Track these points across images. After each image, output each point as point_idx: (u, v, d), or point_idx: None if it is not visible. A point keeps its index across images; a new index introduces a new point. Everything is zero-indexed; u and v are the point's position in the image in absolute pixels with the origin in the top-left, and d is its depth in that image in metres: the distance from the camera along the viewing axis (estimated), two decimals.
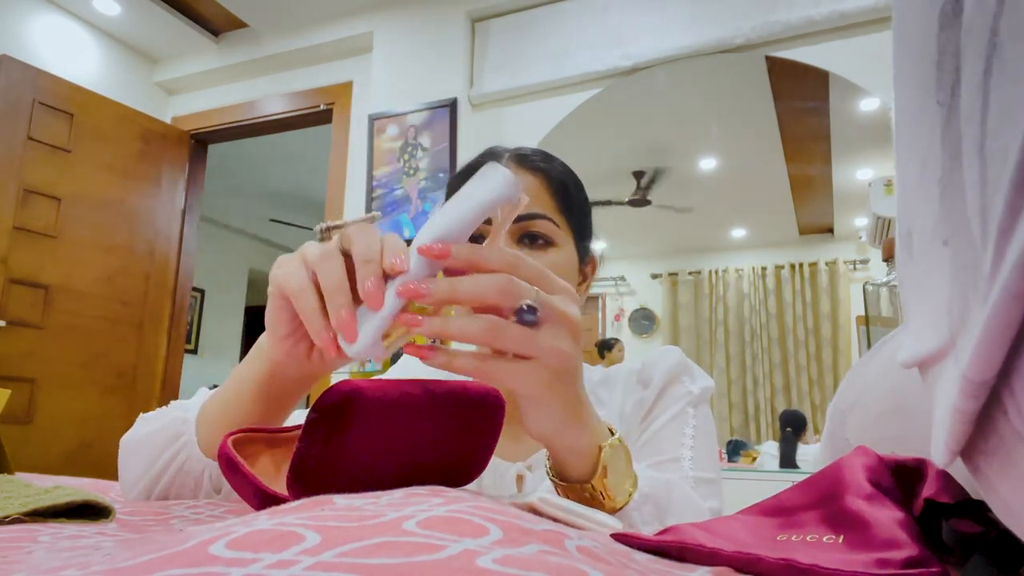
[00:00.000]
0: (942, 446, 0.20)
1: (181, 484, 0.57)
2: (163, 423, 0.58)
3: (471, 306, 0.41)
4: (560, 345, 0.42)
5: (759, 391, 4.42)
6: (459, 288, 0.40)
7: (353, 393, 0.37)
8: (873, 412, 0.48)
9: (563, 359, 0.42)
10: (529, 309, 0.41)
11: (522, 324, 0.41)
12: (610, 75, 2.76)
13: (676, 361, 0.73)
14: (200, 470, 0.57)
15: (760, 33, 2.50)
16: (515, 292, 0.40)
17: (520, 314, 0.41)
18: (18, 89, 2.93)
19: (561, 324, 0.42)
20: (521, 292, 0.41)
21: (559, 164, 0.76)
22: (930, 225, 0.21)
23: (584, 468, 0.47)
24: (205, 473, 0.57)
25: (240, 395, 0.54)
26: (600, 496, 0.47)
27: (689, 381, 0.72)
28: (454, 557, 0.19)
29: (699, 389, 0.72)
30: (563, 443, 0.46)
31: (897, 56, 0.23)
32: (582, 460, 0.47)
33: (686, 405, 0.70)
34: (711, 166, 3.89)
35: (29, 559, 0.27)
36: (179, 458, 0.57)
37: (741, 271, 4.71)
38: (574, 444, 0.46)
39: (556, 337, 0.42)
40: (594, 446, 0.47)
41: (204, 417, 0.57)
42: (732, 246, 4.78)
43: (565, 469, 0.48)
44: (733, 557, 0.27)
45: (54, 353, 2.97)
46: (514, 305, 0.40)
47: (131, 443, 0.60)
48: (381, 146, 2.99)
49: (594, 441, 0.47)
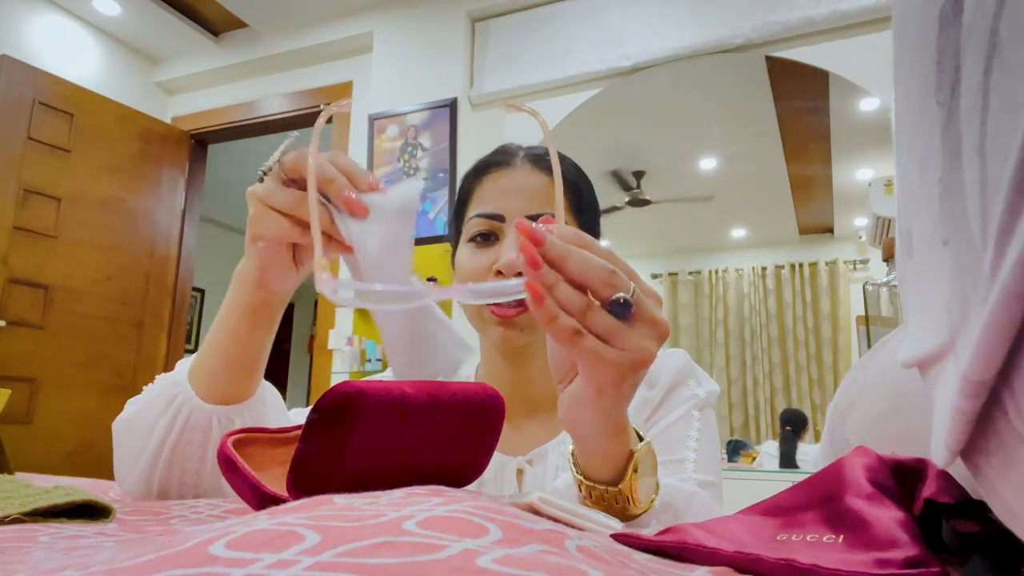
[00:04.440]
0: (942, 446, 0.20)
1: (187, 443, 0.58)
2: (152, 395, 0.60)
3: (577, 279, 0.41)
4: (646, 346, 0.42)
5: (759, 391, 4.42)
6: (571, 256, 0.41)
7: (354, 394, 0.37)
8: (873, 412, 0.48)
9: (645, 360, 0.42)
10: (625, 303, 0.41)
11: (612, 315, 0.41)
12: (610, 75, 2.76)
13: (682, 364, 0.73)
14: (207, 421, 0.58)
15: (760, 33, 2.50)
16: (616, 283, 0.41)
17: (614, 305, 0.41)
18: (18, 89, 2.93)
19: (651, 327, 0.42)
20: (621, 285, 0.41)
21: (571, 164, 0.76)
22: (930, 225, 0.21)
23: (613, 471, 0.47)
24: (213, 422, 0.58)
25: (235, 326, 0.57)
26: (626, 501, 0.47)
27: (695, 384, 0.72)
28: (454, 557, 0.19)
29: (705, 393, 0.71)
30: (598, 444, 0.46)
31: (897, 56, 0.23)
32: (612, 463, 0.47)
33: (691, 408, 0.70)
34: (711, 166, 3.89)
35: (29, 559, 0.27)
36: (180, 416, 0.58)
37: (741, 271, 4.71)
38: (609, 447, 0.46)
39: (644, 337, 0.42)
40: (626, 450, 0.47)
41: (199, 366, 0.59)
42: (732, 246, 4.78)
43: (592, 470, 0.47)
44: (733, 557, 0.27)
45: (54, 353, 2.97)
46: (610, 295, 0.41)
47: (124, 422, 0.60)
48: (381, 146, 2.99)
49: (627, 446, 0.47)
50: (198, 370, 0.59)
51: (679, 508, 0.53)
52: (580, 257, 0.41)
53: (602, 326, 0.41)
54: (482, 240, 0.71)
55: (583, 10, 2.82)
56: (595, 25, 2.79)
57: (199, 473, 0.59)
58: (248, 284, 0.56)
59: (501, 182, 0.73)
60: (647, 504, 0.49)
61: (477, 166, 0.76)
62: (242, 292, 0.56)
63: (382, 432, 0.39)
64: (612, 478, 0.47)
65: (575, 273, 0.41)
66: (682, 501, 0.54)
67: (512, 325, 0.69)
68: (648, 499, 0.49)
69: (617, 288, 0.41)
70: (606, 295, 0.41)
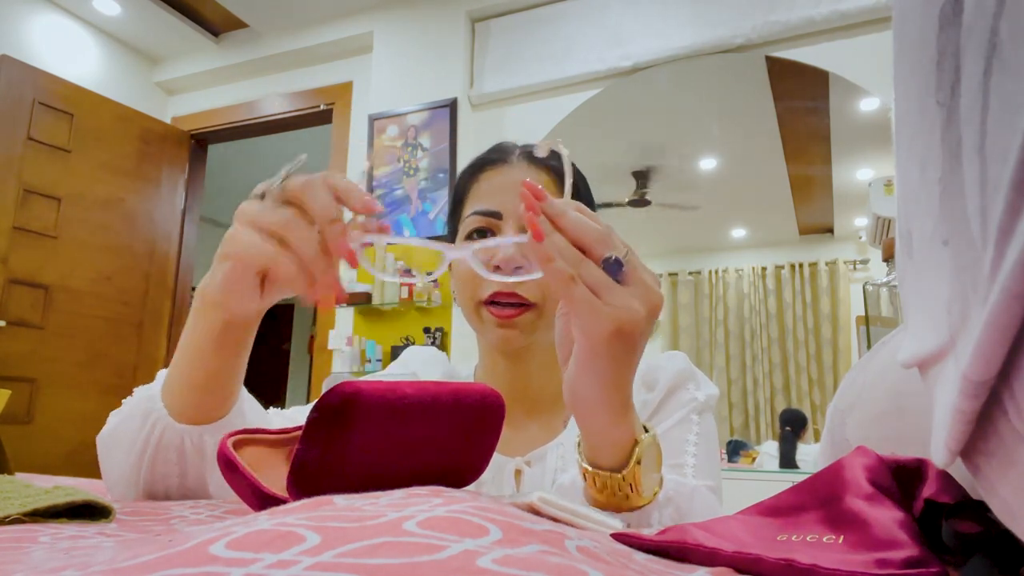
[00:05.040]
0: (942, 446, 0.20)
1: (164, 460, 0.56)
2: (130, 409, 0.57)
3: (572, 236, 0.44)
4: (634, 306, 0.43)
5: (759, 391, 4.41)
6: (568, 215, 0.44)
7: (353, 395, 0.37)
8: (873, 412, 0.48)
9: (632, 320, 0.43)
10: (616, 262, 0.44)
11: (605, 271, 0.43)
12: (610, 75, 2.76)
13: (682, 367, 0.73)
14: (179, 441, 0.55)
15: (760, 33, 2.50)
16: (610, 242, 0.44)
17: (607, 263, 0.43)
18: (18, 89, 2.93)
19: (642, 290, 0.44)
20: (615, 244, 0.44)
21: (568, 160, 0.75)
22: (930, 225, 0.21)
23: (617, 457, 0.48)
24: (185, 441, 0.55)
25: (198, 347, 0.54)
26: (629, 489, 0.48)
27: (695, 388, 0.72)
28: (454, 557, 0.19)
29: (704, 396, 0.71)
30: (602, 422, 0.47)
31: (897, 56, 0.23)
32: (616, 449, 0.48)
33: (690, 412, 0.69)
34: (711, 166, 3.89)
35: (29, 559, 0.27)
36: (155, 433, 0.55)
37: (741, 271, 4.70)
38: (612, 428, 0.47)
39: (633, 297, 0.44)
40: (630, 437, 0.48)
41: (168, 385, 0.56)
42: (732, 246, 4.78)
43: (598, 455, 0.49)
44: (733, 557, 0.27)
45: (54, 353, 2.97)
46: (603, 253, 0.44)
47: (106, 437, 0.59)
48: (381, 146, 2.99)
49: (631, 432, 0.48)
50: (168, 387, 0.57)
51: (681, 503, 0.53)
52: (576, 216, 0.44)
53: (593, 278, 0.43)
54: (479, 237, 0.71)
55: (583, 10, 2.82)
56: (595, 25, 2.79)
57: (182, 487, 0.57)
58: (207, 304, 0.52)
59: (497, 180, 0.72)
60: (650, 495, 0.49)
61: (473, 164, 0.76)
62: (202, 312, 0.53)
63: (382, 432, 0.39)
64: (616, 465, 0.48)
65: (571, 230, 0.44)
66: (685, 496, 0.54)
67: (512, 326, 0.69)
68: (651, 491, 0.49)
69: (610, 248, 0.43)
70: (599, 252, 0.43)
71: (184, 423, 0.55)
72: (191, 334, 0.54)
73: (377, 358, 2.83)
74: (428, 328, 2.79)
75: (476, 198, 0.73)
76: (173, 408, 0.56)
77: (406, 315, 2.88)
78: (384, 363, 2.85)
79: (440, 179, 2.84)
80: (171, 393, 0.56)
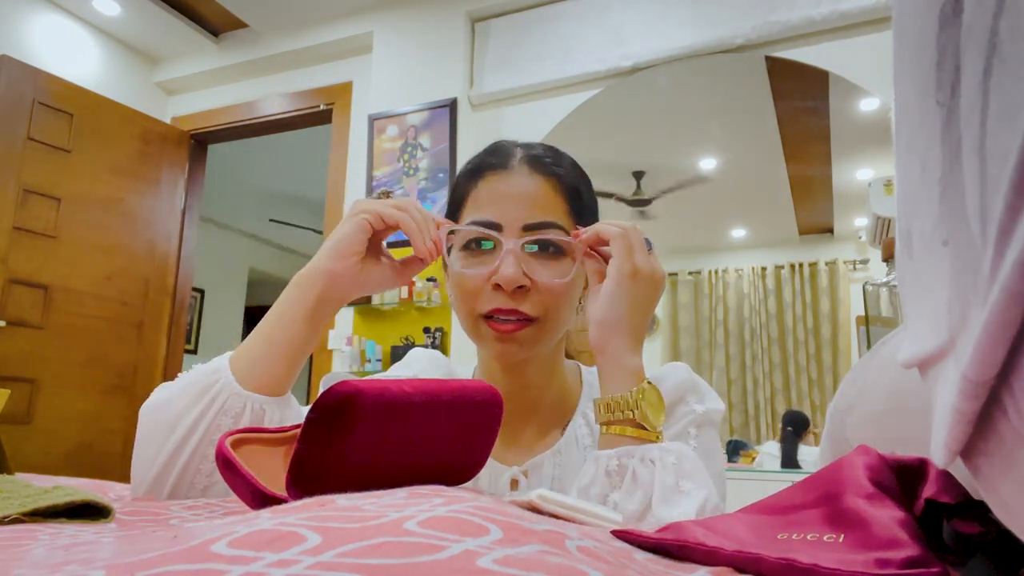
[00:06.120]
0: (942, 446, 0.20)
1: (217, 427, 0.59)
2: (186, 382, 0.61)
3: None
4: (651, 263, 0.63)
5: (759, 391, 4.41)
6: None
7: (353, 394, 0.37)
8: (873, 412, 0.48)
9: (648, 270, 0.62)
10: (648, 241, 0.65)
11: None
12: (610, 75, 2.76)
13: (682, 379, 0.71)
14: (241, 407, 0.60)
15: (760, 33, 2.50)
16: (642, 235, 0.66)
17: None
18: (18, 89, 2.93)
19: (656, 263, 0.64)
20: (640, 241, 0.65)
21: (570, 163, 0.73)
22: (930, 225, 0.21)
23: (627, 383, 0.60)
24: (247, 408, 0.60)
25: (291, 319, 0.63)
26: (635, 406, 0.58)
27: (695, 401, 0.70)
28: (455, 557, 0.19)
29: (703, 409, 0.69)
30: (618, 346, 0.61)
31: (897, 56, 0.23)
32: (628, 376, 0.60)
33: (687, 425, 0.68)
34: (711, 166, 3.89)
35: (29, 556, 0.27)
36: (217, 401, 0.59)
37: (741, 271, 4.70)
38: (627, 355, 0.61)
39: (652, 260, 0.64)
40: (640, 372, 0.61)
41: (245, 352, 0.63)
42: (732, 246, 4.78)
43: (612, 385, 0.60)
44: (734, 556, 0.27)
45: (54, 353, 2.97)
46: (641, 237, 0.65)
47: (152, 406, 0.61)
48: (381, 146, 2.99)
49: (640, 369, 0.61)
50: (243, 356, 0.63)
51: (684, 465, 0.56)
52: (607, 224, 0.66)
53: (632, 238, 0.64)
54: (477, 248, 0.68)
55: (583, 10, 2.82)
56: (595, 25, 2.79)
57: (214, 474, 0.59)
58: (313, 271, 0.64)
59: (497, 186, 0.69)
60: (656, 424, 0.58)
61: (472, 168, 0.73)
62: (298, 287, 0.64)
63: (381, 431, 0.39)
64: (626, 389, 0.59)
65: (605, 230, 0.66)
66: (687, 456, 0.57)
67: (511, 340, 0.66)
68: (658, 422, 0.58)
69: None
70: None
71: (251, 390, 0.61)
72: (282, 306, 0.64)
73: (377, 358, 2.83)
74: (428, 328, 2.79)
75: (475, 205, 0.70)
76: (243, 375, 0.61)
77: (406, 315, 2.88)
78: (384, 363, 2.84)
79: (440, 179, 2.84)
80: (246, 361, 0.62)
